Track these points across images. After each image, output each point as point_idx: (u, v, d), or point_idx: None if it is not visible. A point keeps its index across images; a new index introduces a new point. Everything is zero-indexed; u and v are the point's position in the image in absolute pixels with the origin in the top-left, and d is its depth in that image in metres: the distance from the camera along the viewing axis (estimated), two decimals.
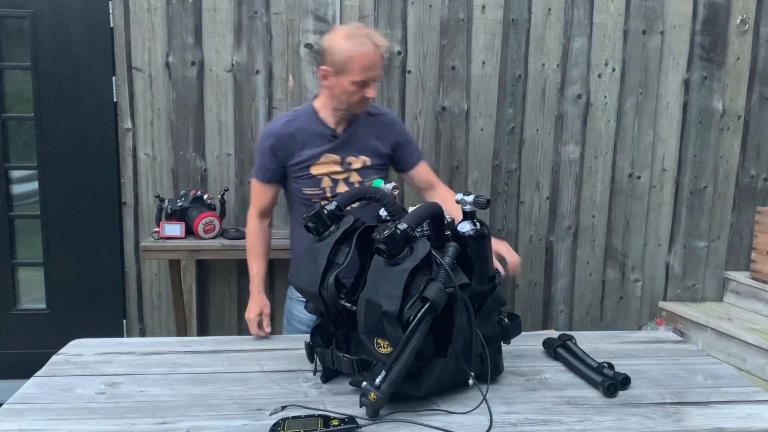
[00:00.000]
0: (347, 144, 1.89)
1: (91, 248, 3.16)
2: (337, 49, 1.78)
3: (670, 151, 3.33)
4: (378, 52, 1.81)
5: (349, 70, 1.77)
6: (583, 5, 3.17)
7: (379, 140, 1.93)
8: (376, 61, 1.80)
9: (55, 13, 3.01)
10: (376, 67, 1.81)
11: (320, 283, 1.34)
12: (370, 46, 1.78)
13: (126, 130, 3.08)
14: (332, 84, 1.82)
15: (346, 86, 1.79)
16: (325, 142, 1.87)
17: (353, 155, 1.90)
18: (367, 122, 1.93)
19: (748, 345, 2.95)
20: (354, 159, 1.90)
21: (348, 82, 1.78)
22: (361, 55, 1.76)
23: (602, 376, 1.38)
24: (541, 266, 3.37)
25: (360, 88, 1.79)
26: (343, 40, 1.78)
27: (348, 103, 1.83)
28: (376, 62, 1.80)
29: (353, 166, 1.89)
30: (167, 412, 1.23)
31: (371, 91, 1.81)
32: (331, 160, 1.87)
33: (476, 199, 1.38)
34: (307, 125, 1.88)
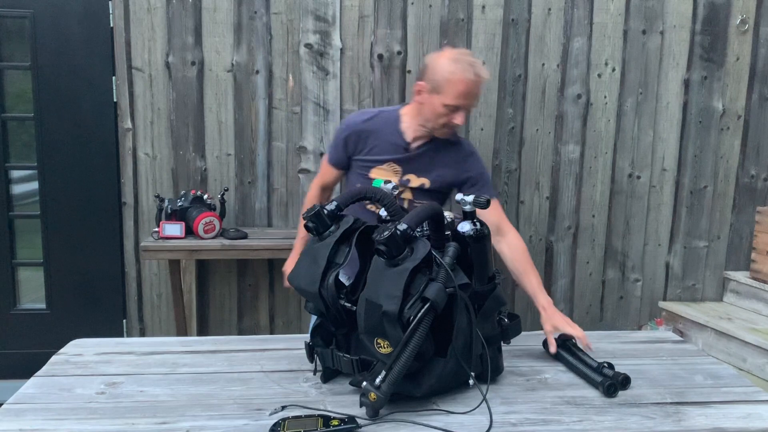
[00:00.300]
0: (415, 161, 1.89)
1: (91, 248, 3.16)
2: (439, 68, 1.77)
3: (670, 151, 3.33)
4: (479, 82, 1.78)
5: (445, 91, 1.76)
6: (583, 5, 3.17)
7: (448, 168, 1.91)
8: (474, 90, 1.78)
9: (55, 13, 3.01)
10: (472, 96, 1.79)
11: (320, 283, 1.34)
12: (472, 74, 1.76)
13: (126, 130, 3.08)
14: (424, 100, 1.82)
15: (437, 107, 1.78)
16: (394, 152, 1.88)
17: (415, 174, 1.89)
18: (444, 147, 1.90)
19: (748, 345, 2.95)
20: (414, 178, 1.89)
21: (440, 103, 1.77)
22: (460, 81, 1.75)
23: (602, 376, 1.38)
24: (541, 266, 3.36)
25: (450, 112, 1.78)
26: (447, 60, 1.77)
27: (433, 124, 1.83)
28: (473, 91, 1.78)
29: (410, 184, 1.89)
30: (167, 412, 1.23)
31: (459, 118, 1.79)
32: (392, 170, 1.88)
33: (476, 199, 1.38)
34: (385, 129, 1.89)
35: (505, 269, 1.72)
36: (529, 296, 1.78)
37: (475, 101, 1.81)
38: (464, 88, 1.75)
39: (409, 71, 3.14)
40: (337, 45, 3.09)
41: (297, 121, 3.14)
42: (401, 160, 1.88)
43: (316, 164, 3.17)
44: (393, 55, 3.13)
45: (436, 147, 1.90)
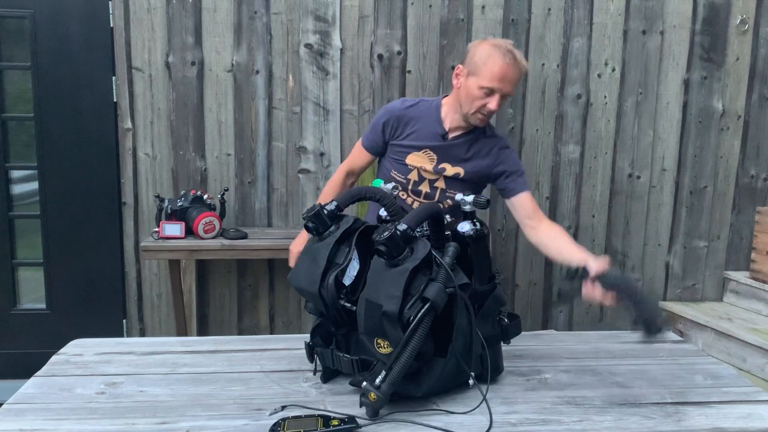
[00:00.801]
0: (451, 151, 1.92)
1: (91, 248, 3.16)
2: (479, 51, 1.83)
3: (670, 151, 3.33)
4: (516, 68, 1.81)
5: (481, 73, 1.81)
6: (583, 5, 3.17)
7: (483, 159, 1.94)
8: (510, 75, 1.81)
9: (55, 13, 3.01)
10: (507, 81, 1.81)
11: (320, 283, 1.34)
12: (510, 59, 1.80)
13: (126, 130, 3.08)
14: (461, 84, 1.87)
15: (473, 89, 1.82)
16: (431, 140, 1.91)
17: (450, 163, 1.92)
18: (481, 139, 1.94)
19: (748, 345, 2.95)
20: (449, 167, 1.92)
21: (475, 86, 1.81)
22: (495, 63, 1.79)
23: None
24: (541, 266, 3.37)
25: (485, 95, 1.81)
26: (487, 45, 1.83)
27: (469, 108, 1.86)
28: (509, 76, 1.81)
29: (445, 173, 1.92)
30: (167, 412, 1.23)
31: (494, 102, 1.82)
32: (427, 157, 1.91)
33: (476, 199, 1.38)
34: (425, 116, 1.93)
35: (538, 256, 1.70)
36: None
37: (510, 87, 1.83)
38: (500, 70, 1.79)
39: (409, 71, 3.14)
40: (337, 45, 3.09)
41: (297, 121, 3.14)
42: (437, 148, 1.92)
43: (317, 164, 3.17)
44: (393, 55, 3.13)
45: (474, 138, 1.94)
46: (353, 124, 3.15)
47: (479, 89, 1.81)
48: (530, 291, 3.38)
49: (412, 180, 1.95)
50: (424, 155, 1.92)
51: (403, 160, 1.96)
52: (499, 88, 1.81)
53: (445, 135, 1.92)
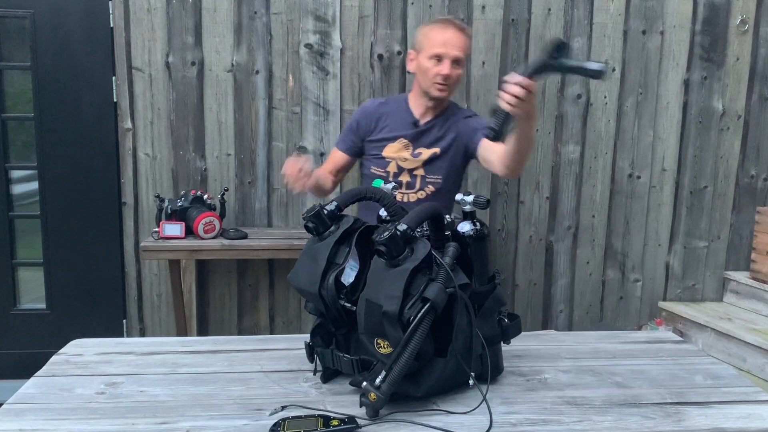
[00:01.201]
0: (424, 135, 1.99)
1: (91, 248, 3.16)
2: (421, 31, 1.96)
3: (670, 151, 3.33)
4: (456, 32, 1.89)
5: (425, 46, 1.91)
6: (583, 5, 3.17)
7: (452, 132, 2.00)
8: (452, 38, 1.88)
9: (55, 13, 3.01)
10: (451, 45, 1.88)
11: (320, 283, 1.34)
12: (450, 25, 1.89)
13: (126, 130, 3.08)
14: (415, 67, 1.95)
15: (424, 63, 1.90)
16: (405, 128, 1.99)
17: (425, 147, 1.98)
18: (450, 118, 2.01)
19: (748, 345, 2.95)
20: (424, 150, 1.98)
21: (425, 59, 1.90)
22: (436, 32, 1.89)
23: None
24: (541, 266, 3.37)
25: (435, 64, 1.89)
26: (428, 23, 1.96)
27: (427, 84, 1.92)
28: (451, 40, 1.88)
29: (422, 157, 1.98)
30: (167, 412, 1.23)
31: (445, 67, 1.88)
32: (403, 146, 1.98)
33: (476, 199, 1.38)
34: (396, 109, 2.02)
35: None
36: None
37: (457, 51, 1.89)
38: (440, 36, 1.88)
39: (409, 71, 3.14)
40: (337, 45, 3.09)
41: (297, 121, 3.14)
42: (411, 135, 1.99)
43: (316, 164, 3.17)
44: (393, 55, 3.13)
45: (444, 120, 2.01)
46: None
47: (428, 60, 1.90)
48: (530, 291, 3.38)
49: (391, 172, 2.01)
50: (400, 144, 1.98)
51: (380, 154, 2.02)
52: (445, 52, 1.88)
53: (416, 122, 2.00)
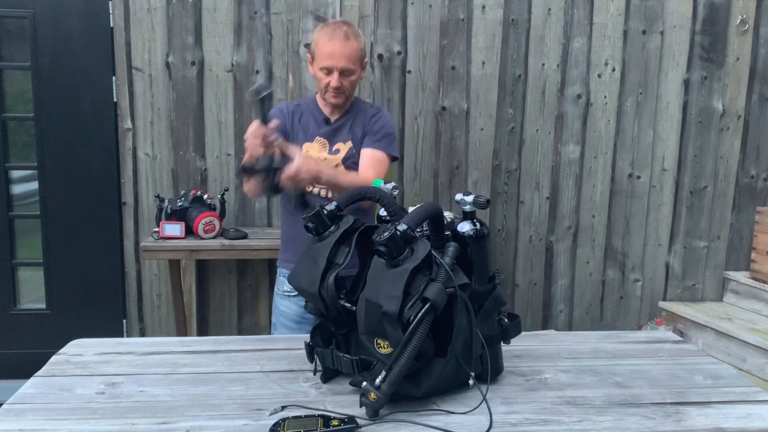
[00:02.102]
0: (338, 132, 1.99)
1: (91, 248, 3.16)
2: (314, 38, 1.93)
3: (670, 151, 3.33)
4: (343, 44, 1.87)
5: (316, 56, 1.91)
6: (583, 5, 3.17)
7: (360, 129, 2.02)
8: (339, 51, 1.87)
9: (55, 13, 3.01)
10: (338, 57, 1.87)
11: (320, 283, 1.34)
12: (340, 36, 1.87)
13: (126, 130, 3.08)
14: (312, 72, 1.97)
15: (316, 73, 1.92)
16: (318, 126, 1.99)
17: (342, 141, 1.99)
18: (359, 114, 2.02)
19: (748, 345, 2.95)
20: (342, 145, 1.99)
21: (317, 69, 1.91)
22: (324, 44, 1.88)
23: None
24: (541, 266, 3.37)
25: (325, 75, 1.89)
26: (320, 29, 1.93)
27: (321, 90, 1.95)
28: (337, 52, 1.87)
29: (341, 153, 1.98)
30: (167, 412, 1.23)
31: (334, 80, 1.88)
32: (320, 144, 1.98)
33: (476, 199, 1.37)
34: (307, 110, 2.02)
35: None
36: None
37: (344, 62, 1.88)
38: (327, 49, 1.87)
39: (409, 71, 3.14)
40: None
41: None
42: (326, 133, 2.00)
43: None
44: (393, 55, 3.13)
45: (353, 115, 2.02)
46: None
47: (320, 71, 1.90)
48: (530, 291, 3.38)
49: None
50: (317, 144, 1.99)
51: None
52: (333, 65, 1.88)
53: (327, 119, 2.01)
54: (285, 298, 1.95)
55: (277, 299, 2.00)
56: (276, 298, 2.01)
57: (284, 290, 1.97)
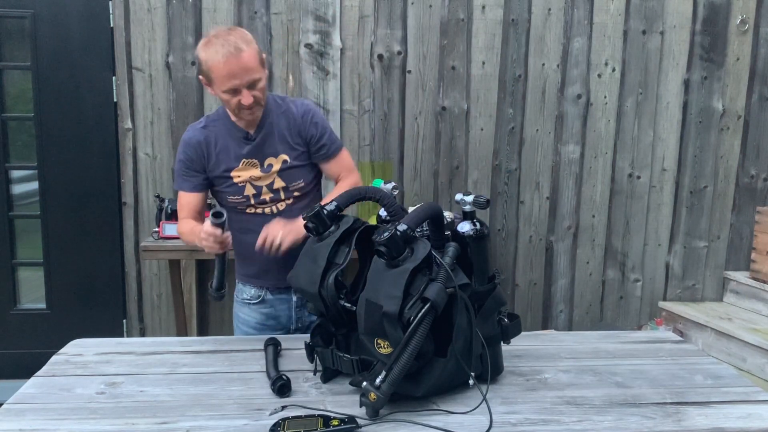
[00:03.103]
0: (263, 146, 1.79)
1: (91, 248, 3.16)
2: (201, 60, 1.68)
3: (670, 151, 3.33)
4: (242, 56, 1.63)
5: (213, 81, 1.68)
6: (583, 5, 3.17)
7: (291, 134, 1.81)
8: (237, 66, 1.63)
9: (55, 13, 3.01)
10: (239, 73, 1.63)
11: (320, 283, 1.34)
12: (231, 51, 1.62)
13: (126, 130, 3.08)
14: (214, 94, 1.73)
15: (220, 96, 1.69)
16: (240, 147, 1.78)
17: (272, 156, 1.80)
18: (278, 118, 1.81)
19: (748, 345, 2.95)
20: (273, 160, 1.80)
21: (219, 93, 1.68)
22: (217, 66, 1.63)
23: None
24: (541, 266, 3.37)
25: (233, 95, 1.66)
26: (202, 48, 1.67)
27: (234, 113, 1.73)
28: (237, 67, 1.63)
29: (274, 168, 1.80)
30: (167, 412, 1.23)
31: (246, 98, 1.65)
32: (250, 165, 1.78)
33: (476, 199, 1.38)
34: (220, 130, 1.79)
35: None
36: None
37: (248, 75, 1.65)
38: (224, 70, 1.63)
39: (409, 71, 3.14)
40: (337, 45, 3.09)
41: None
42: (251, 152, 1.78)
43: None
44: (393, 55, 3.13)
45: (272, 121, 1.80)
46: (353, 124, 3.15)
47: (224, 94, 1.67)
48: (530, 291, 3.38)
49: (250, 195, 1.80)
50: (246, 166, 1.78)
51: (230, 182, 1.79)
52: (237, 84, 1.64)
53: (247, 135, 1.78)
54: (245, 306, 1.93)
55: (237, 306, 1.97)
56: (236, 305, 1.98)
57: (243, 298, 1.94)
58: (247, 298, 1.91)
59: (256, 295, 1.90)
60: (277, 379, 1.32)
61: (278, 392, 1.30)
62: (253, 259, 1.81)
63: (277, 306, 1.90)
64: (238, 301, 1.96)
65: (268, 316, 1.91)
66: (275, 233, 1.66)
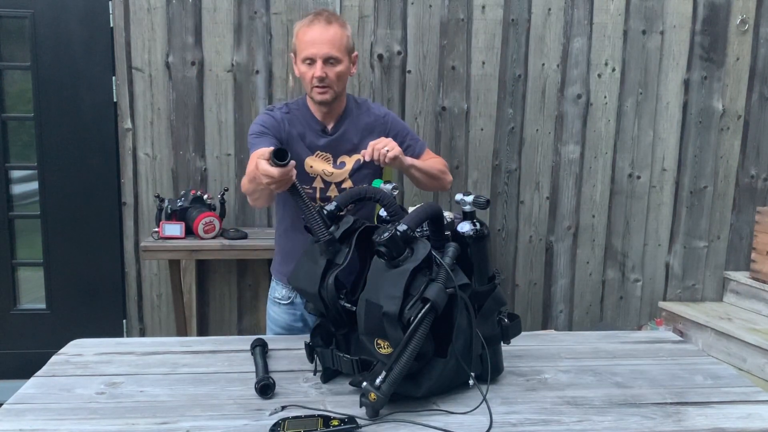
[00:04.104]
0: (340, 142, 1.80)
1: (91, 248, 3.16)
2: (294, 30, 1.75)
3: (670, 151, 3.33)
4: (323, 28, 1.68)
5: (298, 48, 1.72)
6: (583, 5, 3.17)
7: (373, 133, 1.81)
8: (319, 36, 1.68)
9: (55, 13, 3.01)
10: (319, 43, 1.67)
11: (320, 283, 1.34)
12: (321, 21, 1.69)
13: (126, 130, 3.08)
14: (297, 73, 1.77)
15: (300, 68, 1.73)
16: (317, 137, 1.78)
17: (346, 153, 1.80)
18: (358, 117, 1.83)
19: (748, 345, 2.95)
20: (347, 158, 1.80)
21: (300, 63, 1.72)
22: (303, 32, 1.70)
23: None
24: (541, 266, 3.37)
25: (309, 67, 1.70)
26: (298, 22, 1.76)
27: (307, 88, 1.75)
28: (318, 38, 1.68)
29: (347, 166, 1.80)
30: (167, 412, 1.23)
31: (318, 69, 1.68)
32: (323, 159, 1.78)
33: (476, 199, 1.38)
34: (301, 117, 1.80)
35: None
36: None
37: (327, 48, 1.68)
38: (307, 36, 1.69)
39: (409, 71, 3.14)
40: None
41: None
42: (327, 146, 1.78)
43: None
44: (393, 55, 3.13)
45: (353, 121, 1.82)
46: None
47: (302, 64, 1.71)
48: (530, 291, 3.38)
49: (318, 188, 1.78)
50: (318, 158, 1.77)
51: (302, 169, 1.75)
52: (314, 53, 1.68)
53: (324, 128, 1.79)
54: (275, 305, 1.92)
55: (269, 304, 1.97)
56: (269, 302, 1.98)
57: (274, 297, 1.93)
58: (278, 298, 1.90)
59: (287, 296, 1.89)
60: (261, 379, 1.32)
61: (260, 392, 1.30)
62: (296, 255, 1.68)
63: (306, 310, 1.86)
64: (270, 299, 1.95)
65: (296, 318, 1.89)
66: (384, 142, 1.64)
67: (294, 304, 1.89)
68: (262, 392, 1.30)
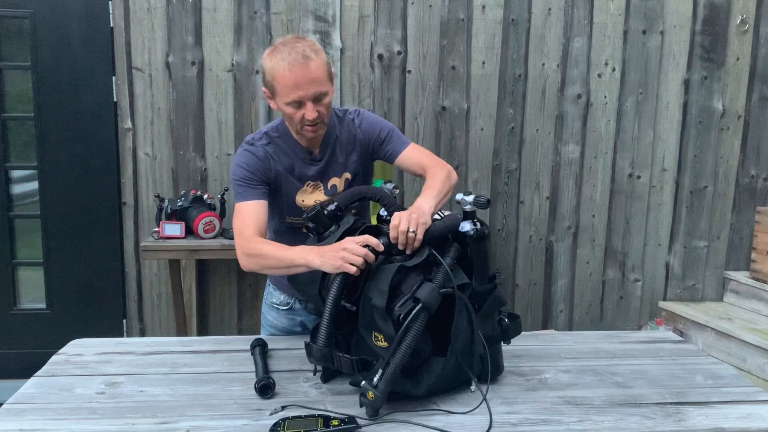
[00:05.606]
0: (328, 168, 1.68)
1: (91, 248, 3.16)
2: (266, 69, 1.56)
3: (670, 151, 3.33)
4: (310, 65, 1.51)
5: (277, 91, 1.55)
6: (583, 5, 3.17)
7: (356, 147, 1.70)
8: (304, 76, 1.50)
9: (55, 13, 3.01)
10: (306, 83, 1.51)
11: (320, 283, 1.35)
12: (298, 59, 1.50)
13: (126, 130, 3.08)
14: (275, 108, 1.61)
15: (283, 109, 1.57)
16: (305, 166, 1.66)
17: (336, 176, 1.69)
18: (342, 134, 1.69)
19: (748, 345, 2.95)
20: (337, 180, 1.70)
21: (283, 105, 1.56)
22: (283, 74, 1.51)
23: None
24: (541, 266, 3.37)
25: (297, 108, 1.54)
26: (268, 57, 1.56)
27: (294, 127, 1.60)
28: (304, 77, 1.50)
29: (338, 189, 1.70)
30: (167, 412, 1.23)
31: (310, 111, 1.52)
32: (315, 188, 1.67)
33: (476, 199, 1.38)
34: (286, 147, 1.66)
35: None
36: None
37: (315, 87, 1.52)
38: (290, 80, 1.50)
39: (409, 71, 3.14)
40: (337, 45, 3.09)
41: None
42: (316, 174, 1.67)
43: None
44: (393, 55, 3.13)
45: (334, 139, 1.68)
46: None
47: (287, 107, 1.54)
48: (530, 291, 3.38)
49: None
50: (309, 188, 1.66)
51: (293, 203, 1.67)
52: (302, 96, 1.51)
53: (311, 153, 1.66)
54: (273, 309, 1.90)
55: (266, 308, 1.94)
56: (264, 306, 1.95)
57: (272, 302, 1.90)
58: (276, 303, 1.84)
59: (285, 301, 1.83)
60: (261, 379, 1.32)
61: (260, 392, 1.30)
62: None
63: (305, 315, 1.83)
64: (266, 304, 1.89)
65: (295, 323, 1.86)
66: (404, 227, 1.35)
67: (293, 309, 1.84)
68: (262, 392, 1.30)
